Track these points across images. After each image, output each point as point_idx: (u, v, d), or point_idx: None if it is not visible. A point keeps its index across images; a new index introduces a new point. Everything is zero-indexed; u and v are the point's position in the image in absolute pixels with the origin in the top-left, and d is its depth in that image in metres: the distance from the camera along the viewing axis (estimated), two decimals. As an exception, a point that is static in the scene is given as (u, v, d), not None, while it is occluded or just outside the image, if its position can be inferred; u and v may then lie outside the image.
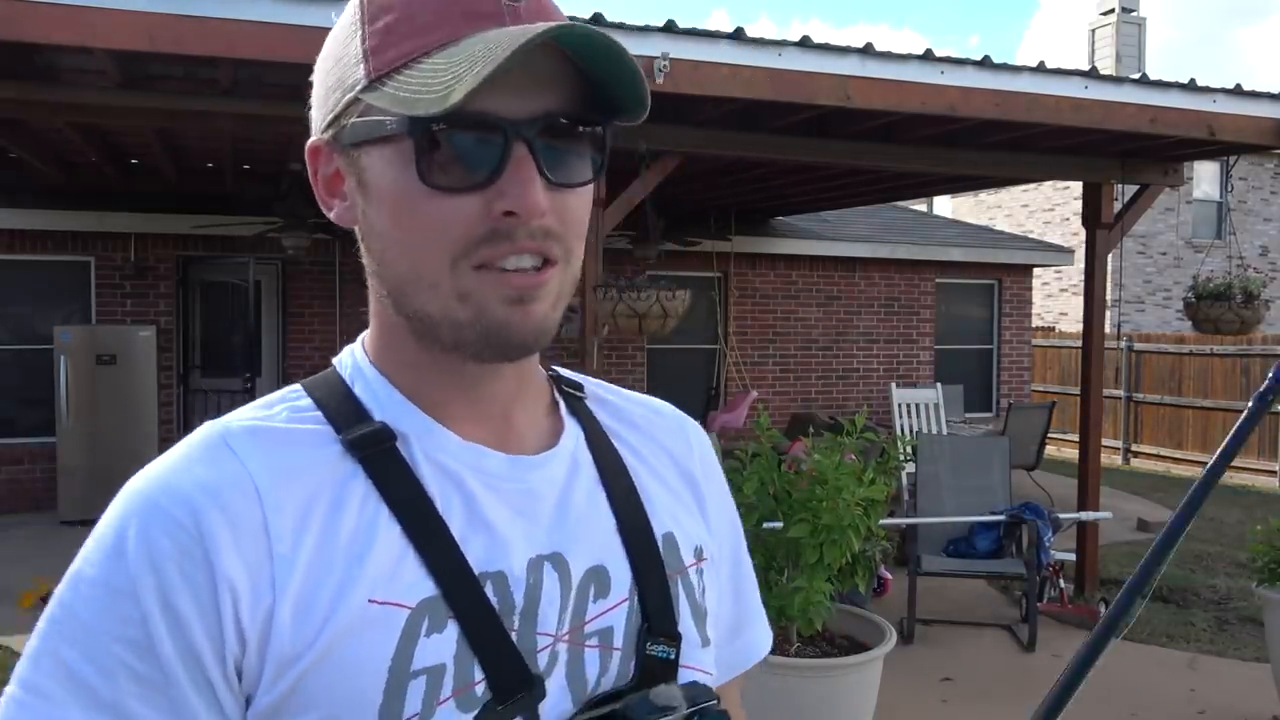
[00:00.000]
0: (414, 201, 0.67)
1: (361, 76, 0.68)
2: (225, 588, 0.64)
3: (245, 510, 0.66)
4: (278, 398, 0.77)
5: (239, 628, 0.64)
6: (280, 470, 0.68)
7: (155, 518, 0.66)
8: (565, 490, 0.77)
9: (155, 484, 0.68)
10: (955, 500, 6.16)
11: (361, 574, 0.66)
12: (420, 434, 0.73)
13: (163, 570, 0.64)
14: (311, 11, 3.97)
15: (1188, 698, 4.84)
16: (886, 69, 4.88)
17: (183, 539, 0.65)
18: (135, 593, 0.64)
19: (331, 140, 0.72)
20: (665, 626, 0.77)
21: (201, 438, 0.72)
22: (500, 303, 0.68)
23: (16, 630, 5.40)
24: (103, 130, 6.55)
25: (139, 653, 0.63)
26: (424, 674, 0.66)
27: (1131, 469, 12.80)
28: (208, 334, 9.24)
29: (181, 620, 0.63)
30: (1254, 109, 5.69)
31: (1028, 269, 12.27)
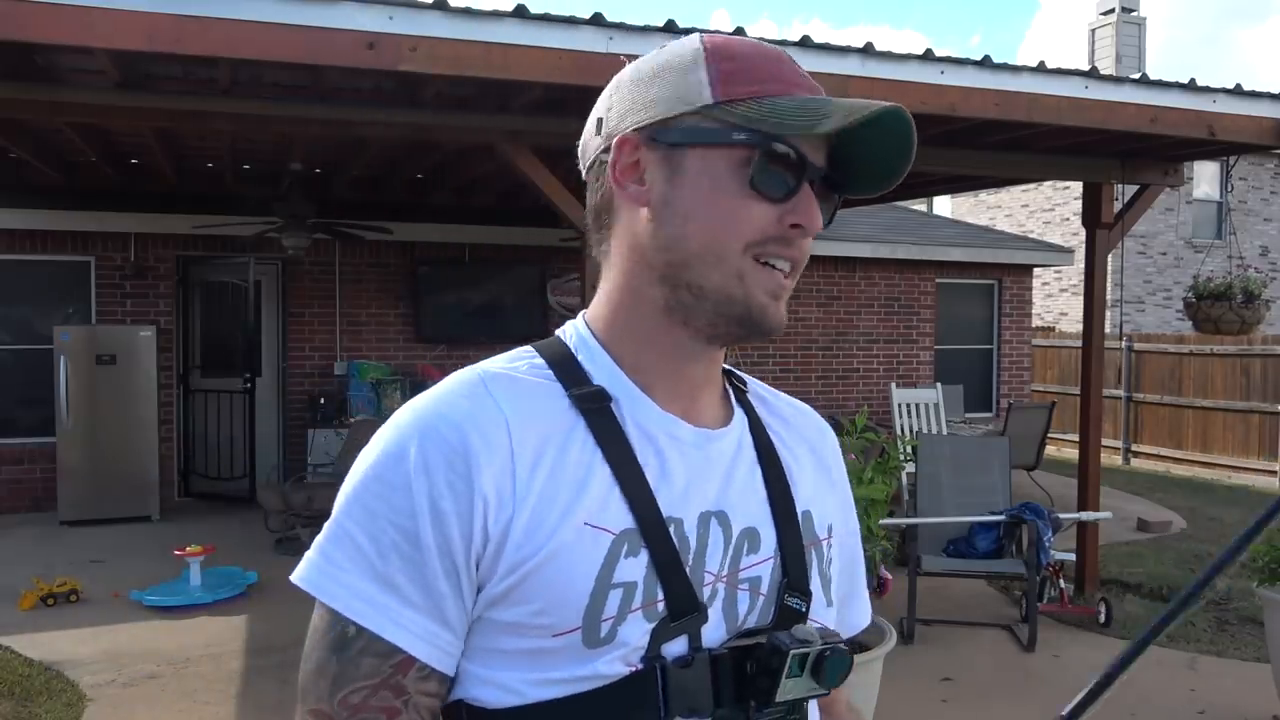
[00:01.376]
0: (734, 196, 0.86)
1: (709, 97, 0.87)
2: (479, 497, 0.81)
3: (498, 439, 0.83)
4: (518, 354, 0.93)
5: (485, 530, 0.81)
6: (524, 412, 0.85)
7: (430, 436, 0.83)
8: (732, 463, 0.94)
9: (431, 411, 0.85)
10: (955, 500, 6.15)
11: (580, 502, 0.83)
12: (629, 400, 0.90)
13: (434, 476, 0.81)
14: (311, 11, 3.97)
15: (1188, 698, 4.84)
16: (886, 69, 4.88)
17: (450, 455, 0.82)
18: (410, 490, 0.81)
19: (648, 137, 0.89)
20: (800, 584, 0.93)
21: (465, 379, 0.88)
22: (763, 292, 0.88)
23: (16, 630, 5.41)
24: (103, 130, 6.56)
25: (407, 537, 0.81)
26: (621, 587, 0.82)
27: (1131, 469, 12.79)
28: (208, 334, 9.24)
29: (443, 517, 0.81)
30: (1254, 109, 5.69)
31: (1028, 269, 12.27)
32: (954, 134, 5.79)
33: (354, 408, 8.99)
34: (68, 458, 8.18)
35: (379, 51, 4.03)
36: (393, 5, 4.04)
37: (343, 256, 9.45)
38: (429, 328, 9.57)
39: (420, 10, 4.11)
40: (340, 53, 4.05)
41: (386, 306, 9.68)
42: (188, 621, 5.70)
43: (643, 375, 0.92)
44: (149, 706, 4.53)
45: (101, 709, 4.50)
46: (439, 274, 9.65)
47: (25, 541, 7.60)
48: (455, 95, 4.87)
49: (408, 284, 9.70)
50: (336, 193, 8.93)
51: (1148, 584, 6.74)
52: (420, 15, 4.11)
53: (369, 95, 4.96)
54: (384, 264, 9.63)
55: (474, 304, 9.71)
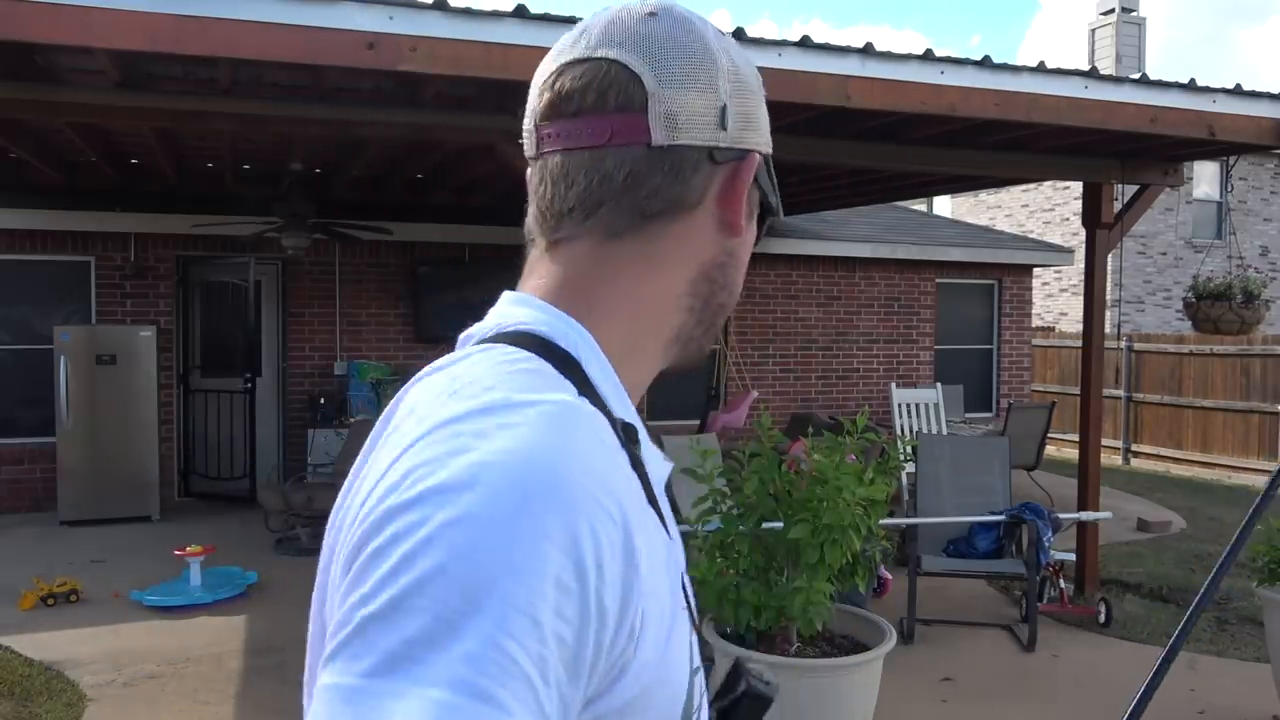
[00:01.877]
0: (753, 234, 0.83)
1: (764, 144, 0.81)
2: (635, 591, 0.62)
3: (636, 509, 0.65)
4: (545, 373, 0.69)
5: (632, 629, 0.62)
6: (617, 466, 0.66)
7: (596, 512, 0.60)
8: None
9: (578, 469, 0.61)
10: (955, 500, 6.16)
11: (674, 575, 0.69)
12: (644, 439, 0.74)
13: (603, 568, 0.59)
14: (311, 11, 3.97)
15: (1188, 698, 4.84)
16: (886, 69, 4.87)
17: (614, 535, 0.61)
18: (581, 591, 0.58)
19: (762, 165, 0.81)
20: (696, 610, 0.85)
21: (577, 417, 0.65)
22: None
23: (16, 630, 5.41)
24: (103, 130, 6.56)
25: (564, 654, 0.58)
26: (699, 670, 0.71)
27: (1131, 469, 12.79)
28: (208, 334, 9.24)
29: (605, 618, 0.60)
30: (1254, 109, 5.69)
31: (1028, 269, 12.27)
32: (954, 134, 5.79)
33: (354, 408, 9.00)
34: (68, 458, 8.18)
35: (379, 51, 4.03)
36: (393, 5, 4.04)
37: (343, 256, 9.45)
38: (429, 328, 9.57)
39: (420, 10, 4.10)
40: (340, 53, 4.05)
41: (386, 306, 9.68)
42: (188, 621, 5.70)
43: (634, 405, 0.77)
44: (149, 706, 4.53)
45: (101, 709, 4.50)
46: (439, 274, 9.65)
47: (25, 541, 7.60)
48: (455, 95, 4.88)
49: (408, 284, 9.70)
50: (336, 193, 8.94)
51: (1148, 584, 6.74)
52: (420, 15, 4.11)
53: (369, 95, 4.96)
54: (384, 264, 9.63)
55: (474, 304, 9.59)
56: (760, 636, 3.89)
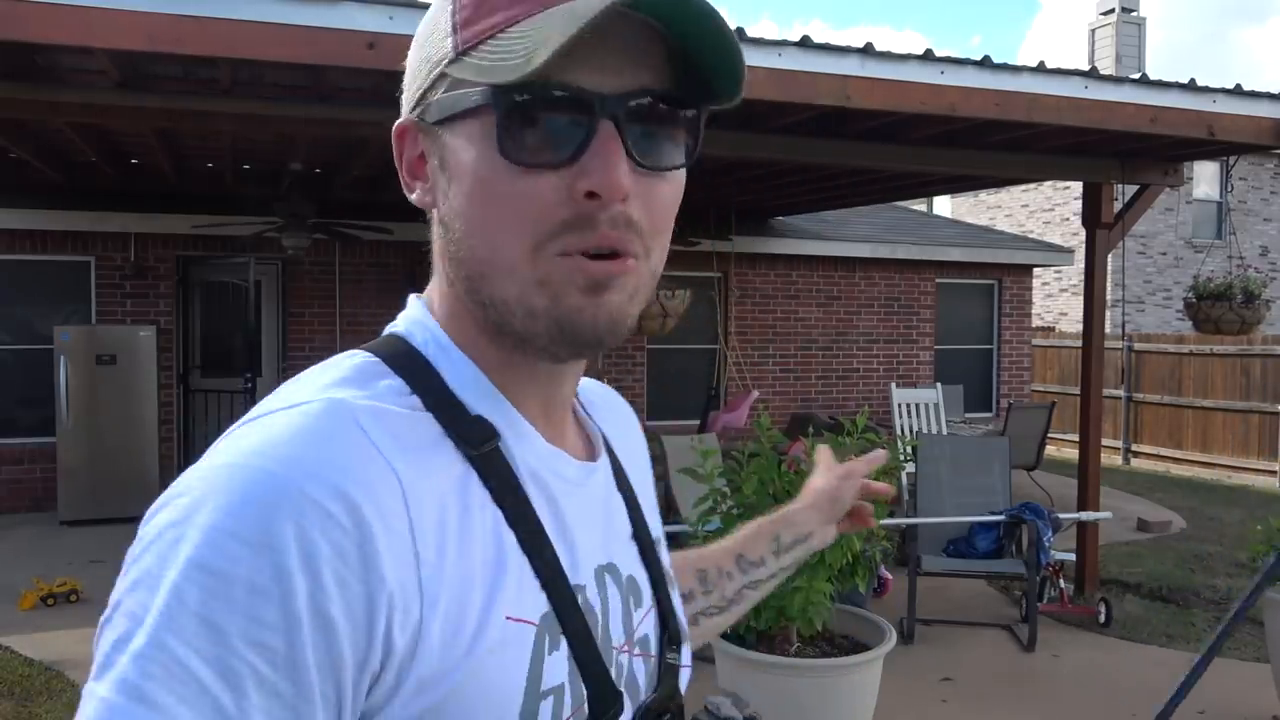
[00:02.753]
0: (495, 180, 0.64)
1: (449, 49, 0.66)
2: (382, 596, 0.57)
3: (395, 510, 0.59)
4: (365, 369, 0.68)
5: (388, 640, 0.58)
6: (415, 466, 0.62)
7: (309, 512, 0.56)
8: (606, 497, 0.77)
9: (300, 469, 0.57)
10: (955, 500, 6.16)
11: (500, 588, 0.63)
12: (513, 433, 0.69)
13: (318, 573, 0.55)
14: (311, 11, 3.97)
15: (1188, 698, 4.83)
16: (886, 69, 4.87)
17: (340, 540, 0.56)
18: (284, 595, 0.55)
19: (417, 120, 0.70)
20: (677, 634, 0.79)
21: (329, 416, 0.61)
22: (576, 290, 0.64)
23: (16, 630, 5.41)
24: (103, 130, 6.55)
25: (275, 662, 0.54)
26: (551, 694, 0.64)
27: (1131, 469, 12.79)
28: (208, 334, 9.24)
29: (331, 629, 0.56)
30: (1254, 109, 5.69)
31: (1028, 269, 12.27)
32: (954, 134, 5.79)
33: (354, 408, 9.00)
34: (68, 458, 8.18)
35: (379, 51, 4.03)
36: (393, 5, 4.04)
37: (343, 256, 9.45)
38: (429, 328, 9.56)
39: (420, 10, 4.09)
40: (340, 53, 4.05)
41: (386, 306, 9.66)
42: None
43: (514, 397, 0.71)
44: (149, 706, 4.53)
45: (101, 709, 4.50)
46: (439, 274, 9.64)
47: (25, 541, 7.60)
48: (455, 95, 4.87)
49: (408, 284, 9.69)
50: (336, 193, 8.93)
51: (1148, 584, 6.74)
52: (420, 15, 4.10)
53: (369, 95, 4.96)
54: (384, 264, 9.63)
55: (474, 304, 9.70)
56: (760, 636, 3.89)
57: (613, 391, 0.93)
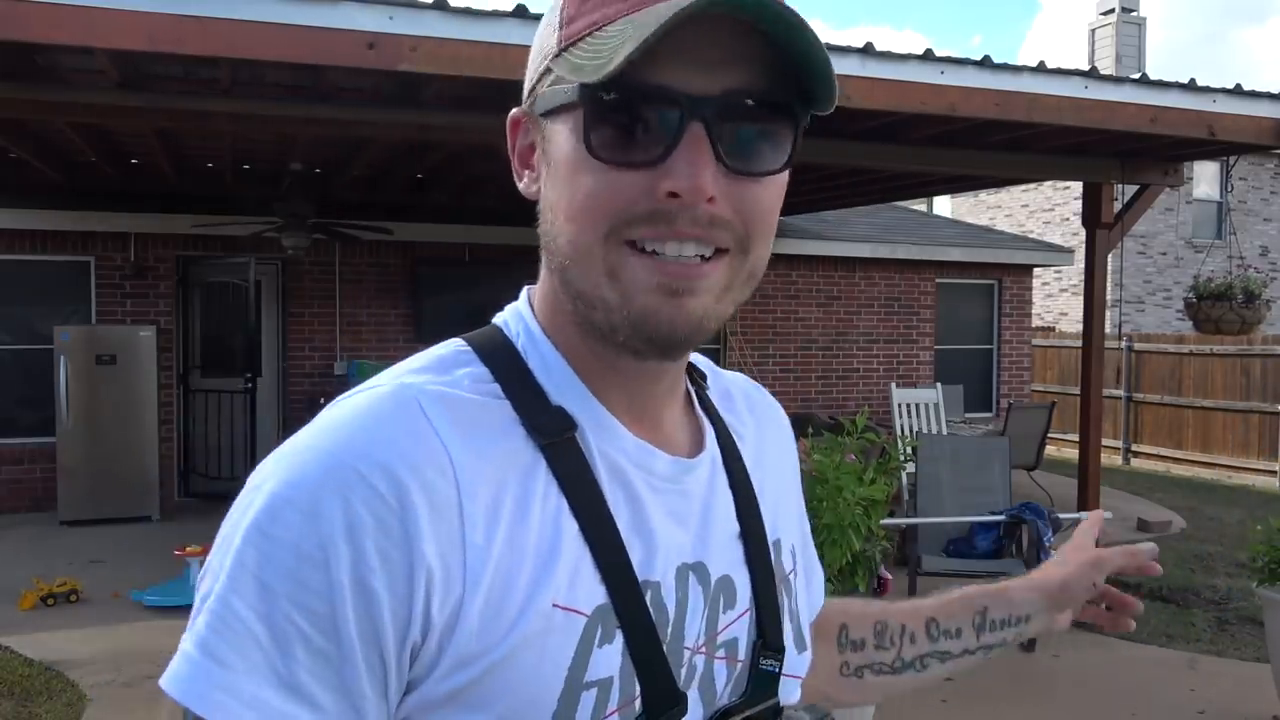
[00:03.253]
0: (580, 173, 0.65)
1: (554, 45, 0.67)
2: (422, 571, 0.61)
3: (443, 490, 0.62)
4: (450, 358, 0.71)
5: (427, 615, 0.61)
6: (473, 450, 0.64)
7: (356, 486, 0.60)
8: (708, 495, 0.76)
9: (353, 445, 0.62)
10: (955, 500, 6.15)
11: (550, 576, 0.64)
12: (594, 425, 0.70)
13: (360, 544, 0.60)
14: (311, 11, 3.97)
15: (1188, 698, 4.83)
16: (886, 69, 4.87)
17: (383, 514, 0.60)
18: (326, 562, 0.59)
19: (529, 110, 0.71)
20: (775, 640, 0.77)
21: (391, 399, 0.65)
22: (651, 290, 0.64)
23: (16, 630, 5.41)
24: (103, 130, 6.55)
25: (319, 625, 0.60)
26: (595, 685, 0.65)
27: (1131, 469, 12.79)
28: (208, 334, 9.23)
29: (372, 599, 0.60)
30: (1254, 109, 5.69)
31: (1028, 269, 12.27)
32: (954, 134, 5.79)
33: (354, 408, 8.99)
34: (68, 458, 8.17)
35: (379, 51, 4.03)
36: (393, 5, 4.04)
37: (343, 256, 9.45)
38: (429, 328, 9.56)
39: (420, 10, 4.11)
40: (340, 53, 4.05)
41: (386, 306, 9.68)
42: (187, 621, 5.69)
43: (601, 390, 0.71)
44: (149, 706, 4.53)
45: (101, 709, 4.50)
46: (439, 274, 9.65)
47: (25, 541, 7.60)
48: (455, 95, 4.87)
49: (408, 284, 9.70)
50: (336, 193, 8.93)
51: (1148, 584, 6.73)
52: (420, 15, 4.11)
53: (369, 95, 4.96)
54: (384, 264, 9.63)
55: (474, 304, 9.69)
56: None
57: (758, 388, 0.92)
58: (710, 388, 0.84)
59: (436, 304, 9.59)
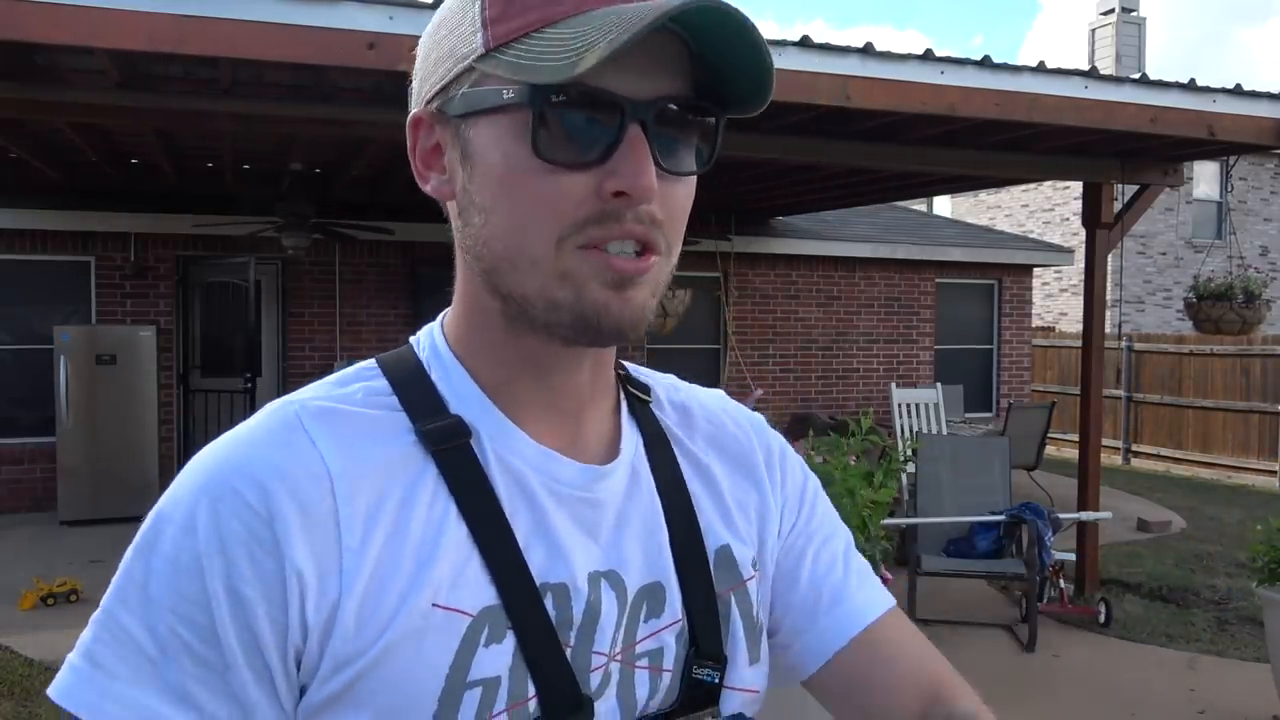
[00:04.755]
0: (524, 176, 0.65)
1: (479, 44, 0.66)
2: (293, 577, 0.62)
3: (317, 497, 0.64)
4: (353, 374, 0.75)
5: (303, 619, 0.63)
6: (354, 458, 0.66)
7: (226, 498, 0.63)
8: (625, 502, 0.75)
9: (227, 462, 0.65)
10: (955, 500, 6.15)
11: (428, 577, 0.65)
12: (493, 433, 0.71)
13: (231, 553, 0.62)
14: (311, 11, 3.97)
15: (1188, 698, 4.83)
16: (886, 69, 4.87)
17: (253, 523, 0.63)
18: (201, 573, 0.62)
19: (436, 111, 0.71)
20: (712, 649, 0.75)
21: (275, 415, 0.69)
22: (600, 285, 0.66)
23: (16, 630, 5.41)
24: (103, 130, 6.55)
25: (201, 634, 0.62)
26: (480, 685, 0.65)
27: (1131, 469, 12.79)
28: (208, 334, 9.23)
29: (247, 607, 0.62)
30: (1254, 109, 5.69)
31: (1028, 269, 12.27)
32: (954, 134, 5.79)
33: (354, 408, 8.99)
34: (68, 458, 8.17)
35: (379, 51, 4.03)
36: (393, 5, 4.04)
37: (343, 256, 9.45)
38: (429, 328, 9.56)
39: (420, 10, 4.11)
40: (341, 53, 4.05)
41: (386, 306, 9.68)
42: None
43: (510, 398, 0.72)
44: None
45: (101, 709, 4.49)
46: (439, 274, 9.63)
47: (25, 541, 7.60)
48: (455, 95, 4.87)
49: (408, 284, 9.70)
50: (336, 193, 8.93)
51: (1148, 584, 6.74)
52: (420, 15, 4.10)
53: (369, 95, 4.96)
54: (384, 264, 9.63)
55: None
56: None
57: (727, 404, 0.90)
58: (659, 401, 0.84)
59: (436, 304, 9.23)
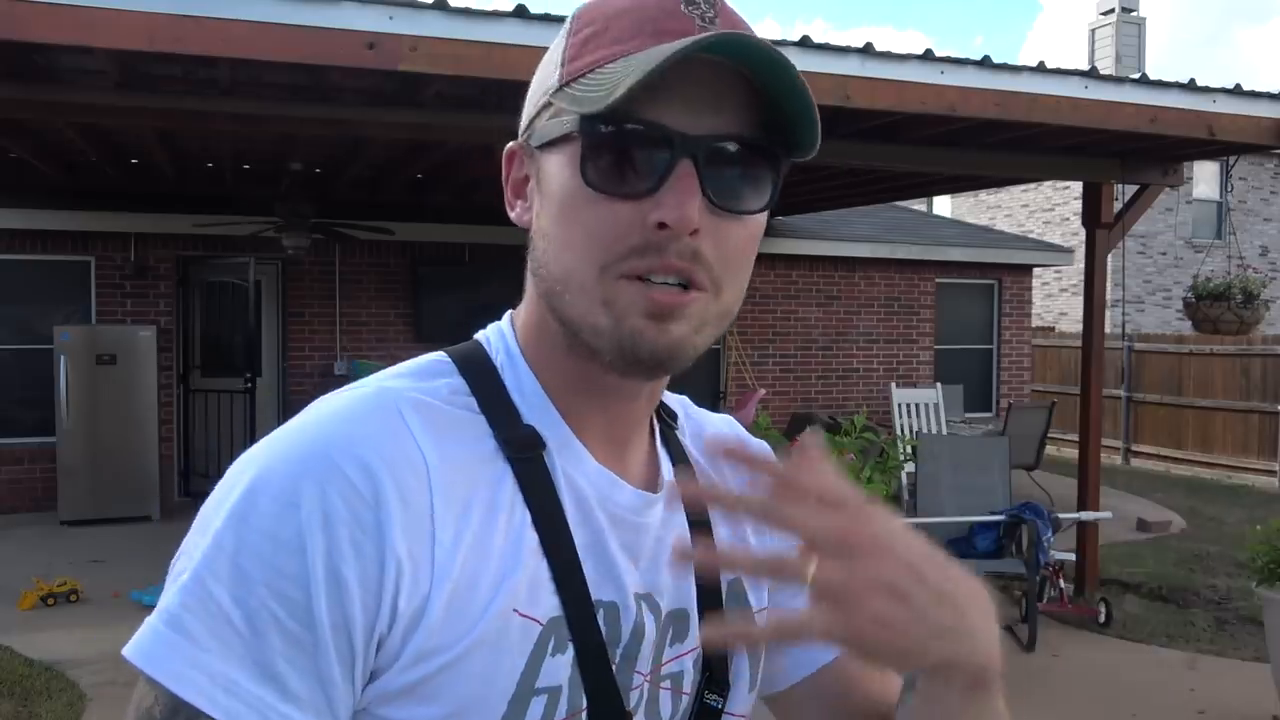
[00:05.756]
0: (575, 203, 0.68)
1: (555, 80, 0.70)
2: (392, 563, 0.63)
3: (417, 489, 0.65)
4: (431, 368, 0.75)
5: (394, 606, 0.63)
6: (447, 456, 0.67)
7: (333, 478, 0.63)
8: (662, 529, 0.77)
9: (332, 439, 0.65)
10: (955, 500, 6.15)
11: (510, 583, 0.67)
12: (562, 449, 0.73)
13: (335, 534, 0.62)
14: (311, 11, 3.97)
15: (1188, 698, 4.83)
16: (886, 69, 4.87)
17: (357, 505, 0.63)
18: (303, 549, 0.62)
19: (525, 143, 0.74)
20: (722, 676, 0.78)
21: (376, 399, 0.69)
22: (640, 315, 0.67)
23: (17, 630, 5.41)
24: (103, 130, 6.55)
25: (294, 611, 0.61)
26: (545, 693, 0.67)
27: (1131, 469, 12.79)
28: (208, 334, 9.24)
29: (344, 587, 0.62)
30: (1254, 109, 5.69)
31: (1028, 269, 12.27)
32: (954, 134, 5.79)
33: (354, 408, 8.99)
34: (68, 458, 8.17)
35: (379, 51, 4.03)
36: (393, 5, 4.04)
37: (343, 256, 9.45)
38: (429, 328, 9.57)
39: (420, 10, 4.11)
40: (340, 53, 4.05)
41: (386, 306, 9.68)
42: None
43: (574, 415, 0.74)
44: (149, 706, 4.53)
45: (101, 709, 4.50)
46: (439, 274, 9.65)
47: (25, 541, 7.60)
48: (455, 95, 4.87)
49: (408, 284, 9.70)
50: (336, 193, 8.93)
51: (1148, 584, 6.74)
52: (420, 15, 4.11)
53: (369, 95, 4.96)
54: (384, 264, 9.63)
55: (474, 304, 9.69)
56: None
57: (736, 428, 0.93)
58: (682, 428, 0.86)
59: (436, 304, 9.59)
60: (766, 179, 0.70)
